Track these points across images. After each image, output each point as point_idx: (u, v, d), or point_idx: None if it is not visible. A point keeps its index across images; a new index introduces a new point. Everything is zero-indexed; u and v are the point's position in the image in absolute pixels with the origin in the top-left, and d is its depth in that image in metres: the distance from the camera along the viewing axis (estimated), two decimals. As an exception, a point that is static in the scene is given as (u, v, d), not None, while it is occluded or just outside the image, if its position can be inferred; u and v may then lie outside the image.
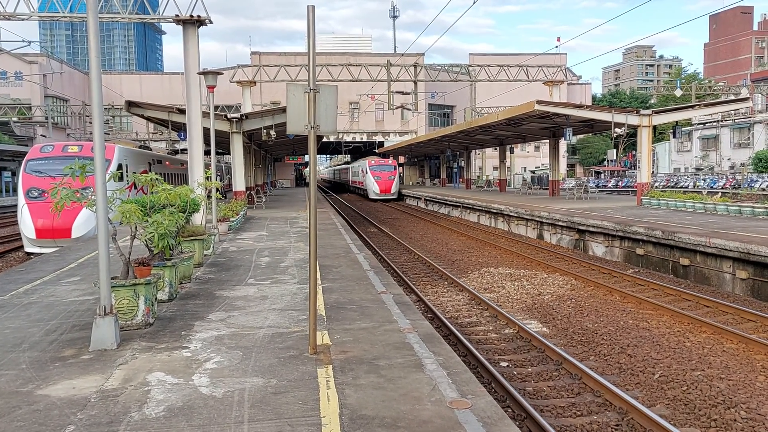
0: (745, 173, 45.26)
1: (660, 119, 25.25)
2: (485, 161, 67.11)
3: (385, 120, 62.01)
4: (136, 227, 7.68)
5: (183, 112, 19.53)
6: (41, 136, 52.10)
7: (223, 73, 17.51)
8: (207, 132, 17.09)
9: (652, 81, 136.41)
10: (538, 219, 22.93)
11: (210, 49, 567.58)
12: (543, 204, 26.20)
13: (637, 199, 25.23)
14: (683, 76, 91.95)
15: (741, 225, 16.04)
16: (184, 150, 35.98)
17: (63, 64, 64.11)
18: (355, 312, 8.09)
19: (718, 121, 60.07)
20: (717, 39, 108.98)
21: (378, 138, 63.84)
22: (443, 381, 5.47)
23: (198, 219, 13.99)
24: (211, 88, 15.62)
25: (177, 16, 17.78)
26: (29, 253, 18.63)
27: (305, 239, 15.90)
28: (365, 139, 64.28)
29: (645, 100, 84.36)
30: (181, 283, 9.84)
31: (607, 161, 77.04)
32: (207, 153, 17.91)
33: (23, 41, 31.50)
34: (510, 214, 25.72)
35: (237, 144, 24.21)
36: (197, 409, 4.86)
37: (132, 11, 20.42)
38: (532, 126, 30.72)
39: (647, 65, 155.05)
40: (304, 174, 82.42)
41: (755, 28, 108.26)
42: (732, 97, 39.56)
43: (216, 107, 18.27)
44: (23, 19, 19.66)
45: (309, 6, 5.91)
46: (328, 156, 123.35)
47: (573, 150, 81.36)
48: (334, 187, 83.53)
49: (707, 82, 77.36)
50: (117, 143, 24.25)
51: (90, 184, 6.65)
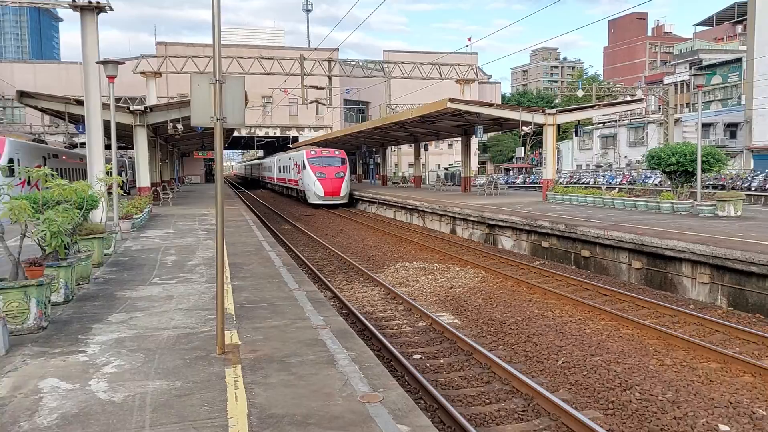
0: (640, 170, 48.18)
1: (563, 118, 26.56)
2: (401, 158, 67.94)
3: (300, 115, 61.29)
4: (26, 225, 7.16)
5: (81, 103, 18.40)
6: None
7: (125, 63, 16.67)
8: (108, 125, 16.23)
9: (556, 82, 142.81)
10: (451, 214, 23.46)
11: (112, 38, 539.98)
12: (456, 200, 26.82)
13: (543, 195, 26.36)
14: (585, 77, 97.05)
15: (636, 218, 17.09)
16: (84, 144, 34.02)
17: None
18: (267, 310, 7.92)
19: (615, 121, 63.94)
20: (615, 43, 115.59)
21: (292, 133, 63.01)
22: (355, 376, 5.46)
23: (98, 216, 13.32)
24: (111, 78, 14.85)
25: (74, 1, 16.66)
26: None
27: (214, 237, 15.43)
28: (279, 134, 63.25)
29: (550, 99, 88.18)
30: (79, 284, 9.28)
31: (516, 158, 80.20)
32: (108, 147, 17.01)
33: None
34: (425, 210, 26.15)
35: (141, 138, 23.17)
36: (94, 416, 4.59)
37: (24, -5, 19.03)
38: (445, 123, 31.35)
39: (552, 66, 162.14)
40: (214, 169, 79.92)
41: (649, 33, 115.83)
42: (628, 98, 42.06)
43: (118, 99, 17.36)
44: None
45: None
46: (240, 151, 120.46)
47: (484, 148, 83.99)
48: (247, 184, 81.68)
49: (606, 83, 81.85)
50: (8, 136, 22.70)
51: None
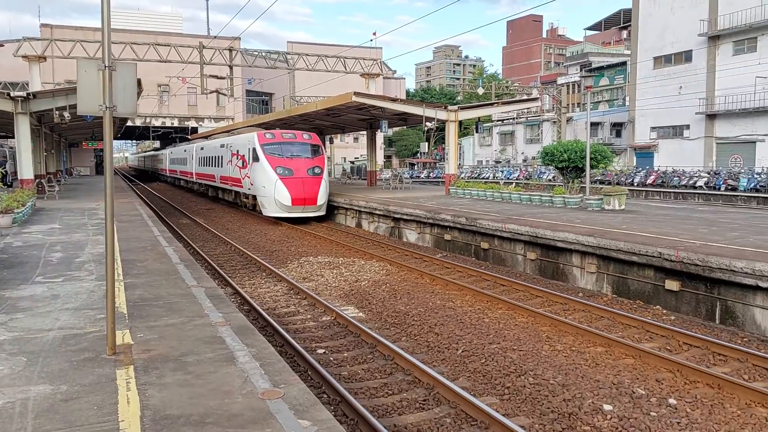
0: (536, 166, 50.59)
1: (465, 115, 27.37)
2: (306, 151, 67.17)
3: (199, 105, 59.09)
4: None
5: (-48, 86, 16.80)
6: None
7: (4, 45, 15.36)
8: (-16, 111, 14.93)
9: (459, 79, 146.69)
10: (356, 208, 23.54)
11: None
12: (362, 194, 26.94)
13: (446, 189, 27.06)
14: (485, 75, 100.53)
15: (531, 212, 17.94)
16: (-44, 131, 31.08)
17: None
18: (162, 308, 7.60)
19: (513, 119, 66.75)
20: (513, 43, 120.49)
21: (191, 123, 60.63)
22: (256, 372, 5.35)
23: (-27, 210, 12.21)
24: (-12, 60, 13.62)
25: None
26: None
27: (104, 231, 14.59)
28: (177, 124, 60.66)
29: (453, 96, 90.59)
30: (-51, 285, 8.48)
31: (421, 153, 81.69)
32: (-15, 135, 15.65)
33: None
34: (330, 203, 26.05)
35: (23, 126, 21.49)
36: (-36, 429, 4.21)
37: None
38: (350, 117, 31.37)
39: (455, 64, 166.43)
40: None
41: (544, 35, 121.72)
42: (525, 97, 44.01)
43: (-4, 82, 15.98)
44: None
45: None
46: (134, 142, 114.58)
47: (390, 142, 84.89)
48: (142, 176, 77.81)
49: (505, 82, 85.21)
50: None
51: None
